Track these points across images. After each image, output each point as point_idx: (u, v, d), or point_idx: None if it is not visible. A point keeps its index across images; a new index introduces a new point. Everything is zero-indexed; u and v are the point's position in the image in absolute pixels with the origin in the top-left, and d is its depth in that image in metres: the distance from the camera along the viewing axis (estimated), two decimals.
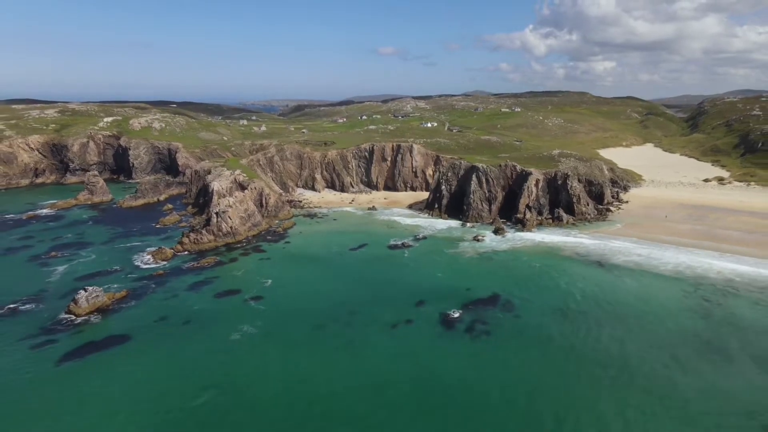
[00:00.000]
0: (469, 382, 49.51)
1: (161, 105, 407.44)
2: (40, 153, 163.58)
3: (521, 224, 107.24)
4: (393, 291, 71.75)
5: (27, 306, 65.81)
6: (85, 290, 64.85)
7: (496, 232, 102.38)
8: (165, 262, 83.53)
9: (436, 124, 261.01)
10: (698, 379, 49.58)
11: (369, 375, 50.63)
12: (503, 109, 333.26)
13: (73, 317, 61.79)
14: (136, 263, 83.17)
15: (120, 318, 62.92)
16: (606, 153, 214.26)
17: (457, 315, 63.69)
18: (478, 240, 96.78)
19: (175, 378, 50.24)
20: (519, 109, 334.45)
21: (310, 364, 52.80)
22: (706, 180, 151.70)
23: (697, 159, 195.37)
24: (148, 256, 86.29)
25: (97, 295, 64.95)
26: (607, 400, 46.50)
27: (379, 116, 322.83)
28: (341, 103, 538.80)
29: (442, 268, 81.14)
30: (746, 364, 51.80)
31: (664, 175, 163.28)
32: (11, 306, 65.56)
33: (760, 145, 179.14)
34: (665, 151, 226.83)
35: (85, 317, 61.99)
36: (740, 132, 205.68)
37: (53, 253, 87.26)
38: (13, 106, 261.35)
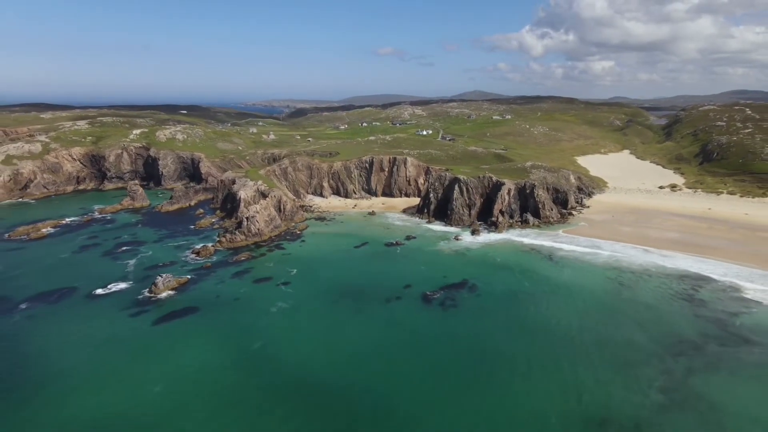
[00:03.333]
0: (438, 334, 72.68)
1: (171, 110, 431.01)
2: (81, 163, 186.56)
3: (495, 226, 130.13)
4: (387, 278, 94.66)
5: (118, 288, 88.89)
6: (161, 276, 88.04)
7: (473, 233, 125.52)
8: (209, 257, 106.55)
9: (431, 132, 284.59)
10: (594, 333, 72.54)
11: (369, 332, 73.77)
12: (495, 117, 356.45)
13: (155, 296, 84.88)
14: (188, 258, 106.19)
15: (188, 297, 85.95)
16: (584, 160, 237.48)
17: (434, 295, 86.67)
18: (457, 239, 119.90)
19: (235, 334, 73.20)
20: (510, 117, 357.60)
21: (328, 326, 75.83)
22: (661, 187, 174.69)
23: (663, 166, 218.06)
24: (194, 252, 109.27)
25: (170, 280, 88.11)
26: (533, 344, 69.40)
27: (378, 123, 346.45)
28: (342, 108, 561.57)
29: (425, 261, 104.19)
30: (629, 325, 74.80)
31: (628, 182, 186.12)
32: (106, 288, 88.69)
33: (715, 154, 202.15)
34: (638, 158, 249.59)
35: (164, 295, 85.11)
36: (703, 141, 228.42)
37: (121, 249, 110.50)
38: (42, 116, 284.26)
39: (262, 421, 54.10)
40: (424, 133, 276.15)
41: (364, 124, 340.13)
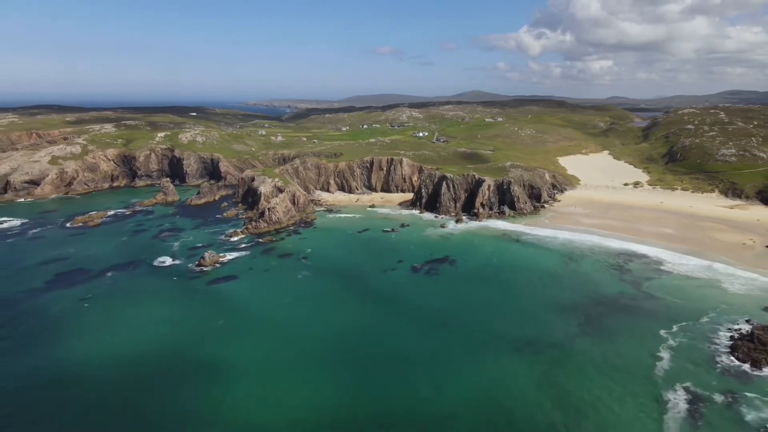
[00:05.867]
0: (422, 293, 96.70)
1: (181, 111, 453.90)
2: (114, 163, 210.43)
3: (476, 216, 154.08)
4: (384, 255, 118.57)
5: (173, 262, 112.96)
6: (207, 253, 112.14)
7: (457, 221, 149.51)
8: (240, 240, 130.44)
9: (427, 134, 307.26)
10: (539, 290, 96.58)
11: (370, 291, 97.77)
12: (487, 119, 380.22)
13: (203, 267, 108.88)
14: (222, 240, 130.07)
15: (229, 268, 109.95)
16: (564, 160, 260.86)
17: (421, 267, 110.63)
18: (443, 227, 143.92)
19: (269, 293, 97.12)
20: (501, 119, 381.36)
21: (339, 288, 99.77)
22: (626, 184, 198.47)
23: (634, 166, 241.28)
24: (227, 236, 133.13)
25: (214, 255, 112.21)
26: (493, 297, 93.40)
27: (378, 125, 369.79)
28: (343, 109, 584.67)
29: (416, 243, 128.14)
30: (568, 286, 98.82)
31: (599, 180, 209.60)
32: (164, 262, 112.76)
33: (678, 155, 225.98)
34: (614, 158, 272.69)
35: (210, 267, 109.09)
36: (672, 143, 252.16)
37: (166, 234, 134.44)
38: (67, 117, 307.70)
39: (290, 347, 78.03)
40: (421, 135, 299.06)
41: (365, 126, 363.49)
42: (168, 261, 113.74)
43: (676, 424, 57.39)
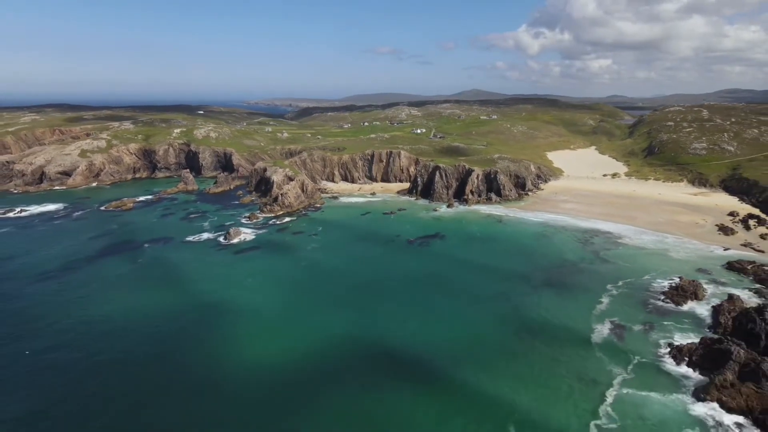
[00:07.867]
0: (415, 259, 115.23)
1: (189, 110, 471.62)
2: (136, 156, 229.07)
3: (465, 202, 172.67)
4: (383, 233, 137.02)
5: (203, 237, 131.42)
6: (231, 229, 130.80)
7: (448, 206, 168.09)
8: (257, 220, 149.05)
9: (424, 130, 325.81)
10: (512, 259, 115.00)
11: (371, 262, 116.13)
12: (482, 117, 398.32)
13: (229, 241, 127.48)
14: (242, 221, 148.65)
15: (251, 242, 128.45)
16: (553, 154, 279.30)
17: (415, 241, 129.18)
18: (435, 210, 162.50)
19: (285, 262, 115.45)
20: (495, 117, 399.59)
21: (345, 258, 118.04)
22: (605, 175, 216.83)
23: (616, 159, 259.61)
24: (245, 218, 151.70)
25: (237, 231, 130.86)
26: (473, 262, 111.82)
27: (378, 123, 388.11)
28: (345, 108, 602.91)
29: (411, 223, 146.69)
30: (538, 254, 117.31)
31: (582, 172, 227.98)
32: (194, 237, 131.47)
33: (656, 149, 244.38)
34: (600, 153, 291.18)
35: (235, 240, 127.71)
36: (652, 139, 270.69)
37: (191, 216, 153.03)
38: (84, 115, 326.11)
39: (309, 294, 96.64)
40: (418, 131, 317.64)
41: (366, 124, 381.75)
42: (197, 236, 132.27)
43: (598, 339, 76.21)
